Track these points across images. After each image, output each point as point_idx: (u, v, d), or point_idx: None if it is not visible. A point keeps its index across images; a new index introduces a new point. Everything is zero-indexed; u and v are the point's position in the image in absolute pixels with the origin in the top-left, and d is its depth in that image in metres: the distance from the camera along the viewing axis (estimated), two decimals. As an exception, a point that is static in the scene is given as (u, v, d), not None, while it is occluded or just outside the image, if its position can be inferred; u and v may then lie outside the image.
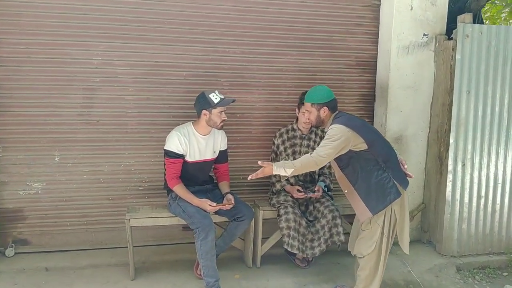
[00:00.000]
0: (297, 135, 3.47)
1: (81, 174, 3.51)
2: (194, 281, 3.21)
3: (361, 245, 2.84)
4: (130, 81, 3.49)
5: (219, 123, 3.09)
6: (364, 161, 2.72)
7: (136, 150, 3.58)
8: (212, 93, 3.04)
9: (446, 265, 3.55)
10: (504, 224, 3.73)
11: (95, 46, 3.38)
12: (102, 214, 3.60)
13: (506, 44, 3.51)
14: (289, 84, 3.79)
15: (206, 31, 3.56)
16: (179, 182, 3.09)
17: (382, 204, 2.71)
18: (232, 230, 3.20)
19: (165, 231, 3.73)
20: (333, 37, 3.82)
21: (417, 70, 3.77)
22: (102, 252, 3.55)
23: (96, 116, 3.47)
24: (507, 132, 3.62)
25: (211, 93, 3.04)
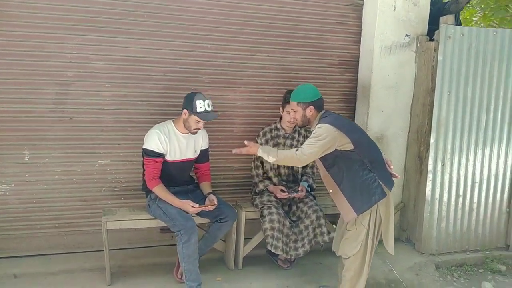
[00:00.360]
0: (280, 135, 3.40)
1: (53, 174, 3.32)
2: (174, 285, 3.10)
3: (346, 246, 2.81)
4: (106, 77, 3.32)
5: (192, 129, 2.98)
6: (350, 161, 2.70)
7: (111, 149, 3.42)
8: (201, 100, 2.90)
9: (425, 263, 3.58)
10: (480, 222, 3.81)
11: (70, 38, 3.19)
12: (75, 216, 3.42)
13: (486, 46, 3.57)
14: (272, 83, 3.72)
15: (187, 26, 3.43)
16: (159, 183, 2.97)
17: (367, 204, 2.69)
18: (214, 232, 3.11)
19: (141, 233, 3.59)
20: (316, 35, 3.78)
21: (399, 70, 3.79)
22: (75, 256, 3.37)
23: (70, 113, 3.28)
24: (485, 132, 3.69)
25: (199, 100, 2.90)
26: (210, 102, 2.95)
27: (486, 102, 3.65)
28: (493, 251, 3.80)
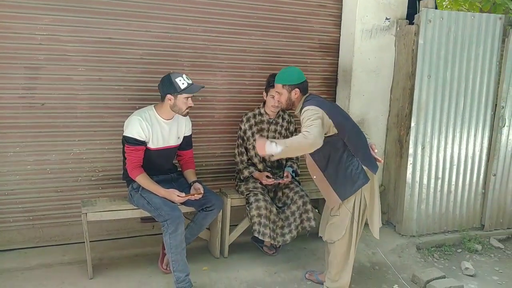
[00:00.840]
0: (264, 120, 3.34)
1: (25, 164, 3.12)
2: (159, 276, 3.00)
3: (331, 231, 2.80)
4: (80, 60, 3.13)
5: (184, 110, 2.87)
6: (334, 147, 2.64)
7: (87, 137, 3.25)
8: (179, 77, 2.79)
9: (407, 245, 3.65)
10: (458, 203, 3.91)
11: (39, 19, 2.97)
12: (50, 208, 3.25)
13: (464, 30, 3.61)
14: (253, 66, 3.63)
15: (164, 6, 3.27)
16: (141, 172, 2.84)
17: (351, 190, 2.67)
18: (200, 220, 3.02)
19: (121, 223, 3.46)
20: (297, 18, 3.70)
21: (379, 54, 3.78)
22: (52, 250, 3.22)
23: (41, 98, 3.08)
24: (463, 116, 3.76)
25: (178, 77, 2.79)
26: (186, 75, 2.85)
27: (464, 86, 3.71)
28: (470, 231, 3.91)
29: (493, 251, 3.77)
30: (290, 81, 2.76)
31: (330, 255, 2.84)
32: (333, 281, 2.82)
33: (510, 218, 4.11)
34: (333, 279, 2.82)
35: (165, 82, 2.81)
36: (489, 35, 3.69)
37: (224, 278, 3.04)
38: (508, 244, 3.93)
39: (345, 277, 2.80)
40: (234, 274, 3.09)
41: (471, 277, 3.30)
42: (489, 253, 3.73)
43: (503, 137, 3.88)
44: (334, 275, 2.81)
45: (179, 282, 2.73)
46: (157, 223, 3.48)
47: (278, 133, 3.38)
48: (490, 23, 3.68)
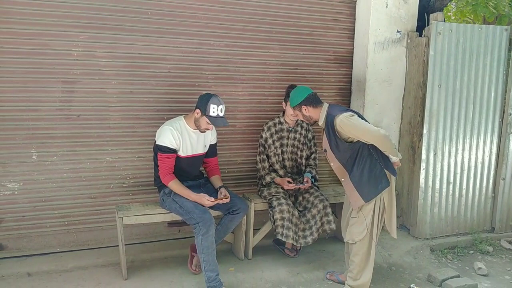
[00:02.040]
0: (284, 128, 3.53)
1: (61, 172, 3.32)
2: (190, 276, 3.18)
3: (353, 232, 2.97)
4: (112, 74, 3.35)
5: (202, 128, 3.07)
6: (360, 151, 2.85)
7: (119, 146, 3.45)
8: (215, 105, 2.96)
9: (421, 247, 3.81)
10: (469, 207, 4.07)
11: (75, 36, 3.20)
12: (84, 213, 3.44)
13: (472, 42, 3.81)
14: (272, 78, 3.84)
15: (190, 23, 3.49)
16: (173, 178, 3.04)
17: (374, 192, 2.86)
18: (226, 223, 3.21)
19: (149, 228, 3.65)
20: (313, 32, 3.92)
21: (391, 65, 3.98)
22: (86, 253, 3.40)
23: (77, 110, 3.29)
24: (472, 123, 3.94)
25: (214, 104, 2.96)
26: (223, 107, 3.01)
27: (473, 94, 3.90)
28: (481, 234, 4.07)
29: (504, 253, 3.92)
30: (295, 102, 3.01)
31: (352, 255, 3.01)
32: (354, 279, 2.98)
33: (520, 220, 4.27)
34: (355, 278, 2.98)
35: (203, 98, 3.00)
36: (496, 45, 3.89)
37: (250, 278, 3.21)
38: (518, 245, 4.08)
39: (366, 275, 2.97)
40: (259, 275, 3.26)
41: (484, 276, 3.45)
42: (500, 254, 3.88)
43: (511, 143, 4.05)
44: (356, 274, 2.97)
45: (210, 281, 2.91)
46: (183, 227, 3.71)
47: (297, 140, 3.57)
48: (497, 34, 3.88)
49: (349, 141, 2.84)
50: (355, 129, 2.77)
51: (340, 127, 2.79)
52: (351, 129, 2.78)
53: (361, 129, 2.77)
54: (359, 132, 2.77)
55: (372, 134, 2.76)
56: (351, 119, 2.78)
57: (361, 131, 2.77)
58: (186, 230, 3.75)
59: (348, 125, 2.77)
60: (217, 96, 3.04)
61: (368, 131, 2.76)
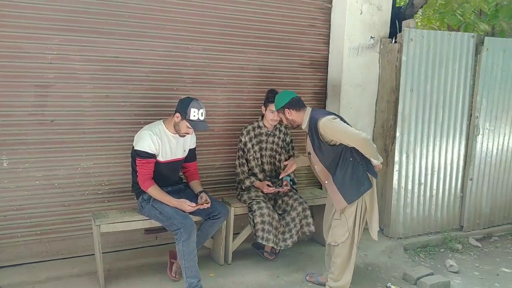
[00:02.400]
0: (263, 132, 3.55)
1: (33, 179, 3.20)
2: (169, 283, 3.14)
3: (335, 234, 3.00)
4: (88, 78, 3.25)
5: (182, 132, 3.04)
6: (343, 154, 2.90)
7: (94, 152, 3.36)
8: (196, 109, 2.93)
9: (395, 246, 3.92)
10: (439, 207, 4.23)
11: (49, 39, 3.09)
12: (57, 222, 3.32)
13: (442, 48, 3.96)
14: (250, 82, 3.85)
15: (167, 26, 3.45)
16: (153, 184, 2.99)
17: (357, 194, 2.91)
18: (207, 229, 3.18)
19: (125, 236, 3.57)
20: (289, 37, 3.95)
21: (365, 70, 4.08)
22: (60, 263, 3.29)
23: (50, 115, 3.18)
24: (442, 126, 4.10)
25: (195, 108, 2.93)
26: (204, 111, 2.99)
27: (442, 99, 4.06)
28: (450, 232, 4.23)
29: (472, 250, 4.09)
30: (279, 105, 3.07)
31: (334, 256, 3.04)
32: (335, 281, 3.03)
33: (486, 219, 4.47)
34: (336, 279, 3.03)
35: (184, 102, 2.97)
36: (464, 52, 4.06)
37: (231, 283, 3.20)
38: (484, 243, 4.28)
39: (346, 277, 3.02)
40: (240, 279, 3.26)
41: (455, 273, 3.59)
42: (469, 252, 4.05)
43: (478, 145, 4.25)
44: (337, 275, 3.02)
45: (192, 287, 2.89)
46: (160, 234, 3.64)
47: (276, 144, 3.59)
48: (464, 41, 4.05)
49: (331, 144, 2.89)
50: (338, 132, 2.82)
51: (323, 130, 2.84)
52: (333, 132, 2.83)
53: (343, 132, 2.82)
54: (341, 135, 2.83)
55: (354, 137, 2.82)
56: (334, 122, 2.84)
57: (343, 134, 2.82)
58: (163, 237, 3.69)
59: (331, 128, 2.82)
60: (198, 100, 3.02)
61: (349, 134, 2.82)
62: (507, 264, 3.84)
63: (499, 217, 4.58)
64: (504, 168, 4.48)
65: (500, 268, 3.75)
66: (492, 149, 4.36)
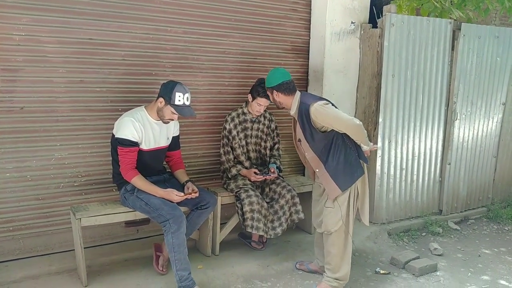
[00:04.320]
0: (248, 119, 3.44)
1: (3, 172, 2.94)
2: (156, 277, 2.99)
3: (328, 222, 2.89)
4: (60, 61, 3.02)
5: (166, 118, 2.88)
6: (334, 140, 2.80)
7: (69, 141, 3.13)
8: (181, 93, 2.77)
9: (379, 231, 3.93)
10: (419, 191, 4.29)
11: (17, 18, 2.83)
12: (31, 217, 3.08)
13: (421, 34, 3.98)
14: (232, 67, 3.72)
15: (145, 7, 3.25)
16: (137, 173, 2.82)
17: (350, 181, 2.82)
18: (194, 219, 3.04)
19: (105, 230, 3.37)
20: (272, 21, 3.85)
21: (346, 55, 4.04)
22: (35, 260, 3.05)
23: (20, 102, 2.93)
24: (421, 111, 4.14)
25: (179, 92, 2.77)
26: (189, 95, 2.84)
27: (422, 84, 4.09)
28: (430, 216, 4.30)
29: (452, 233, 4.18)
30: (268, 84, 2.96)
31: (328, 246, 2.93)
32: (334, 272, 2.92)
33: (463, 202, 4.58)
34: (334, 270, 2.92)
35: (167, 86, 2.80)
36: (442, 37, 4.11)
37: (221, 274, 3.09)
38: (463, 225, 4.38)
39: (345, 267, 2.92)
40: (230, 270, 3.15)
41: (439, 256, 3.65)
42: (449, 235, 4.13)
43: (455, 130, 4.33)
44: (334, 266, 2.91)
45: (183, 281, 2.74)
46: (142, 226, 3.49)
47: (261, 131, 3.49)
48: (442, 27, 4.10)
49: (322, 131, 2.79)
50: (330, 118, 2.73)
51: (315, 116, 2.73)
52: (325, 118, 2.73)
53: (336, 118, 2.73)
54: (333, 121, 2.73)
55: (347, 123, 2.74)
56: (326, 108, 2.74)
57: (335, 120, 2.73)
58: (144, 229, 3.53)
59: (323, 114, 2.72)
60: (182, 84, 2.86)
61: (342, 120, 2.73)
62: (486, 246, 3.95)
63: (475, 200, 4.71)
64: (479, 152, 4.60)
65: (480, 250, 3.85)
66: (469, 134, 4.46)
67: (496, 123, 4.67)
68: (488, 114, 4.58)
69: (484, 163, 4.68)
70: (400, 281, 3.19)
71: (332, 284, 2.94)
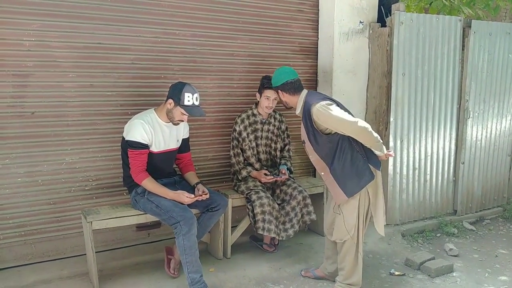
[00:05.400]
0: (258, 120, 3.42)
1: (15, 177, 2.96)
2: (168, 280, 2.96)
3: (340, 230, 2.79)
4: (70, 66, 3.04)
5: (176, 120, 2.86)
6: (340, 143, 2.68)
7: (79, 145, 3.14)
8: (189, 93, 2.76)
9: (393, 233, 3.87)
10: (433, 192, 4.21)
11: (27, 24, 2.86)
12: (42, 221, 3.09)
13: (431, 31, 3.94)
14: (240, 70, 3.71)
15: (154, 11, 3.26)
16: (147, 176, 2.81)
17: (357, 186, 2.69)
18: (205, 221, 3.02)
19: (116, 234, 3.37)
20: (278, 22, 3.84)
21: (355, 55, 4.01)
22: (47, 265, 3.06)
23: (30, 107, 2.95)
24: (433, 110, 4.08)
25: (188, 92, 2.76)
26: (198, 96, 2.83)
27: (433, 82, 4.04)
28: (445, 217, 4.22)
29: (467, 233, 4.09)
30: (274, 83, 2.91)
31: (342, 254, 2.84)
32: (346, 277, 2.84)
33: (478, 202, 4.49)
34: (347, 276, 2.84)
35: (176, 87, 2.80)
36: (452, 35, 4.06)
37: (233, 277, 3.06)
38: (478, 226, 4.29)
39: (357, 274, 2.84)
40: (242, 273, 3.12)
41: (455, 257, 3.56)
42: (465, 235, 4.04)
43: (468, 128, 4.25)
44: (347, 272, 2.83)
45: (194, 283, 2.71)
46: (153, 230, 3.49)
47: (271, 132, 3.47)
48: (452, 24, 4.05)
49: (327, 133, 2.67)
50: (332, 119, 2.58)
51: (317, 117, 2.61)
52: (327, 120, 2.60)
53: (338, 120, 2.57)
54: (336, 123, 2.59)
55: (350, 125, 2.57)
56: (328, 109, 2.59)
57: (338, 122, 2.58)
58: (155, 233, 3.52)
59: (325, 115, 2.59)
60: (190, 84, 2.86)
61: (345, 122, 2.57)
62: (503, 246, 3.86)
63: (490, 200, 4.61)
64: (493, 151, 4.52)
65: (497, 250, 3.76)
66: (482, 132, 4.39)
67: (510, 121, 4.59)
68: (501, 112, 4.51)
69: (499, 162, 4.59)
70: (416, 283, 3.12)
71: None
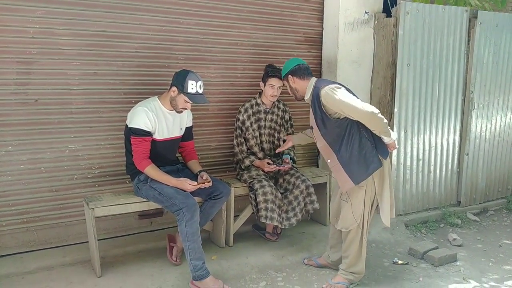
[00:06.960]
0: (261, 110, 3.41)
1: (18, 164, 2.96)
2: (171, 268, 2.97)
3: (346, 219, 2.79)
4: (74, 53, 3.03)
5: (179, 108, 2.85)
6: (348, 128, 2.67)
7: (83, 133, 3.14)
8: (193, 81, 2.76)
9: (396, 223, 3.85)
10: (437, 182, 4.19)
11: (31, 11, 2.85)
12: (45, 209, 3.10)
13: (436, 22, 3.90)
14: (244, 59, 3.69)
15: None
16: (150, 163, 2.81)
17: (365, 173, 2.67)
18: (208, 209, 3.02)
19: (118, 222, 3.38)
20: (283, 12, 3.82)
21: (360, 46, 3.98)
22: (49, 252, 3.06)
23: (34, 94, 2.95)
24: (438, 101, 4.05)
25: (192, 80, 2.75)
26: (202, 83, 2.82)
27: (438, 73, 4.01)
28: (448, 208, 4.21)
29: (471, 224, 4.08)
30: (284, 72, 2.91)
31: (347, 243, 2.84)
32: (350, 266, 2.84)
33: (482, 194, 4.47)
34: (350, 264, 2.84)
35: (180, 75, 2.79)
36: (458, 26, 4.02)
37: (235, 265, 3.06)
38: (482, 217, 4.27)
39: (361, 263, 2.84)
40: (244, 261, 3.12)
41: (459, 247, 3.55)
42: (468, 226, 4.03)
43: (473, 119, 4.23)
44: (351, 260, 2.83)
45: (197, 270, 2.71)
46: (155, 218, 3.50)
47: (274, 122, 3.46)
48: (458, 15, 4.01)
49: (335, 117, 2.67)
50: (340, 102, 2.57)
51: (325, 100, 2.62)
52: (335, 102, 2.59)
53: (346, 103, 2.56)
54: (344, 107, 2.58)
55: (359, 109, 2.55)
56: (337, 92, 2.60)
57: (346, 105, 2.57)
58: (158, 221, 3.53)
59: (333, 98, 2.59)
60: (194, 72, 2.85)
61: (354, 106, 2.54)
62: (507, 236, 3.85)
63: (494, 191, 4.59)
64: (498, 142, 4.50)
65: (501, 240, 3.75)
66: (486, 124, 4.36)
67: (515, 113, 4.56)
68: (506, 104, 4.48)
69: (503, 154, 4.57)
70: (419, 271, 3.11)
71: (348, 277, 2.86)
